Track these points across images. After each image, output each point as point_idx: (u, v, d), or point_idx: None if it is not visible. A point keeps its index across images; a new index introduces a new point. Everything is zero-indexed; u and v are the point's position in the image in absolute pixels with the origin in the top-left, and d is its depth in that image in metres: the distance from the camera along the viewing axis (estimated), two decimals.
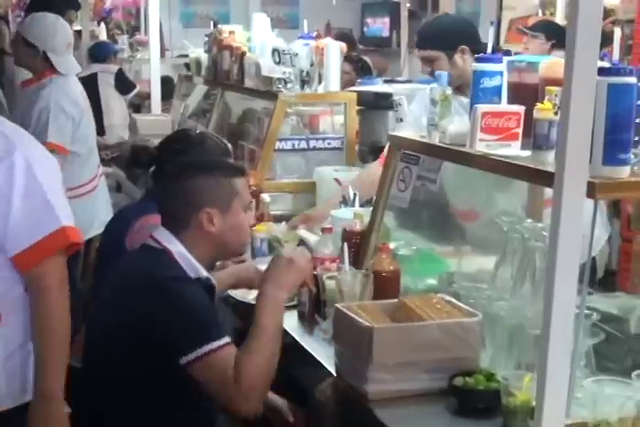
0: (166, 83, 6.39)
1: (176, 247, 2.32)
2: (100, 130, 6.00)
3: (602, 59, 1.95)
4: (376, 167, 3.50)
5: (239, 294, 2.96)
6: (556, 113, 2.15)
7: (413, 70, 9.07)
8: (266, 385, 2.24)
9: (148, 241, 2.38)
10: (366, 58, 7.32)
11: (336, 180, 3.80)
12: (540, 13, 8.61)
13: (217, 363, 2.17)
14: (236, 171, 2.44)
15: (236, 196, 2.38)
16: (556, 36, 5.20)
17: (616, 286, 3.37)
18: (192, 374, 2.19)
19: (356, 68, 6.34)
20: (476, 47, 3.25)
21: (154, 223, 2.72)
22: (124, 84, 7.18)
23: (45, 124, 4.03)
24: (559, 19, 6.92)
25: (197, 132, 3.09)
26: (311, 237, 3.29)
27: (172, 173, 2.46)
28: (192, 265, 2.32)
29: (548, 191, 2.66)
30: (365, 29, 11.52)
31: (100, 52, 7.65)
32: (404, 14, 8.86)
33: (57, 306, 2.19)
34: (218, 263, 2.90)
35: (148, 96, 6.90)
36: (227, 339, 2.20)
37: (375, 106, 4.40)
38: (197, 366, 2.17)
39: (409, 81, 5.47)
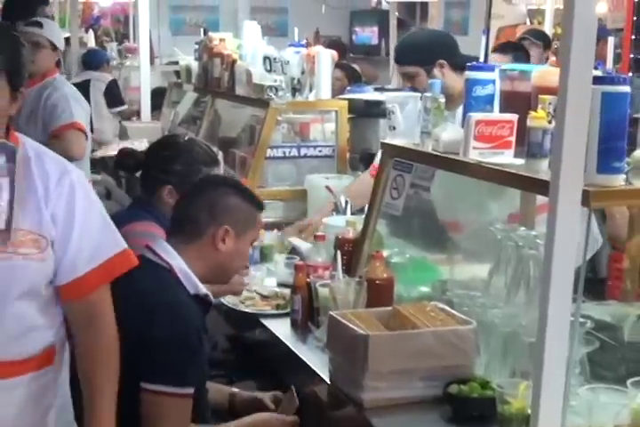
0: (159, 93, 6.38)
1: (177, 262, 2.31)
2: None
3: (595, 68, 1.96)
4: (366, 178, 3.50)
5: (231, 301, 2.96)
6: (549, 121, 2.16)
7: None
8: None
9: (144, 252, 2.35)
10: (355, 66, 7.35)
11: (327, 187, 3.81)
12: (528, 22, 8.67)
13: (166, 406, 2.18)
14: (260, 205, 2.49)
15: (253, 227, 2.45)
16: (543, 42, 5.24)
17: (605, 294, 3.38)
18: (141, 400, 2.19)
19: (348, 74, 6.36)
20: (455, 60, 3.26)
21: (140, 230, 2.71)
22: (113, 97, 7.17)
23: (67, 107, 4.11)
24: (547, 28, 6.97)
25: (186, 138, 3.06)
26: (303, 245, 3.29)
27: (206, 184, 2.47)
28: (192, 281, 2.31)
29: (540, 197, 2.68)
30: (354, 38, 11.55)
31: (93, 60, 7.66)
32: (393, 23, 8.89)
33: (112, 335, 2.03)
34: None
35: (132, 115, 6.90)
36: (189, 390, 2.20)
37: (366, 114, 4.41)
38: (146, 397, 2.18)
39: (399, 89, 5.48)
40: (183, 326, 2.20)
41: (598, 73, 2.20)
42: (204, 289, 2.33)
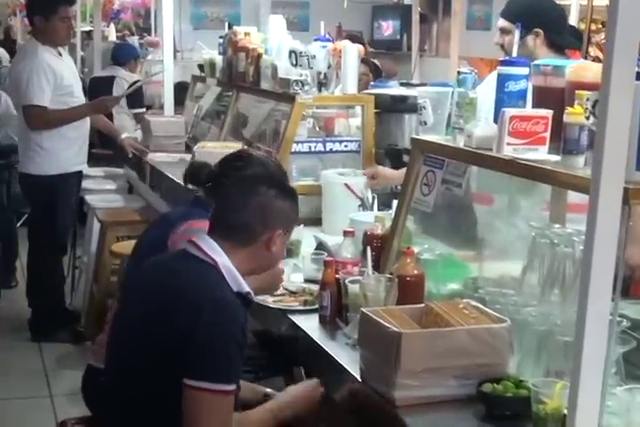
0: (180, 88, 6.36)
1: (222, 259, 2.28)
2: None
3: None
4: None
5: (259, 296, 2.94)
6: (587, 117, 2.14)
7: (424, 74, 9.06)
8: None
9: (189, 248, 2.33)
10: (375, 61, 7.33)
11: (345, 184, 3.76)
12: None
13: (208, 403, 2.15)
14: (297, 201, 2.49)
15: (297, 222, 2.49)
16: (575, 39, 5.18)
17: (631, 292, 3.34)
18: (183, 396, 2.16)
19: (372, 69, 6.33)
20: (555, 37, 3.22)
21: (199, 227, 2.69)
22: (136, 97, 7.16)
23: None
24: (573, 22, 6.90)
25: (259, 152, 3.05)
26: (330, 241, 3.27)
27: (249, 186, 2.41)
28: (236, 279, 2.29)
29: (572, 196, 2.65)
30: (376, 32, 11.51)
31: (121, 55, 7.65)
32: (415, 17, 8.84)
33: None
34: None
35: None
36: (233, 386, 2.19)
37: (391, 109, 4.38)
38: (188, 393, 2.16)
39: (423, 84, 5.45)
40: (230, 323, 2.18)
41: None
42: (246, 287, 2.31)
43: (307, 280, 3.13)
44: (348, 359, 2.44)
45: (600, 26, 7.28)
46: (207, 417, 2.16)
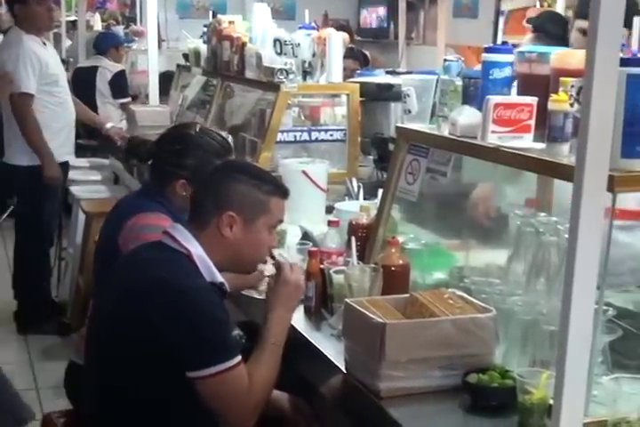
0: (166, 77, 6.31)
1: (195, 248, 2.27)
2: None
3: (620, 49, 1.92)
4: None
5: None
6: (571, 104, 2.11)
7: (411, 62, 9.04)
8: (268, 397, 2.33)
9: (164, 239, 2.31)
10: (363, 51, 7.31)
11: (304, 172, 3.73)
12: (538, 5, 8.56)
13: (226, 382, 2.18)
14: (278, 191, 2.38)
15: (266, 214, 2.34)
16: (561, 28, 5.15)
17: None
18: (198, 388, 2.18)
19: (361, 62, 6.33)
20: None
21: (146, 224, 2.65)
22: (119, 88, 7.11)
23: None
24: (559, 11, 6.88)
25: (197, 130, 2.97)
26: (316, 230, 3.25)
27: (218, 171, 2.43)
28: (209, 268, 2.27)
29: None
30: (362, 21, 11.46)
31: (101, 44, 7.61)
32: (402, 5, 8.82)
33: None
34: None
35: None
36: (237, 359, 2.20)
37: (377, 97, 4.36)
38: (204, 383, 2.17)
39: (409, 72, 5.42)
40: (209, 308, 2.19)
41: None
42: (220, 278, 2.29)
43: None
44: (333, 351, 2.42)
45: None
46: (233, 395, 2.20)
